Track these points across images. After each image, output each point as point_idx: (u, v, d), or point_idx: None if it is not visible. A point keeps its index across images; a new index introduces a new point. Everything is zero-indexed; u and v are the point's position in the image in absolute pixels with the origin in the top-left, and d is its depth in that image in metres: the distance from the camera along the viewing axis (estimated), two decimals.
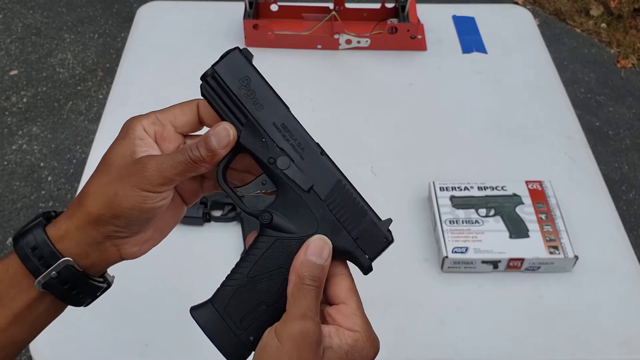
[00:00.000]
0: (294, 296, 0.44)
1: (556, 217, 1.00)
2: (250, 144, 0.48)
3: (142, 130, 0.49)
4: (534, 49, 1.44)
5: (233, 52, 0.50)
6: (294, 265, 0.45)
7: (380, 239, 0.48)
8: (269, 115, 0.49)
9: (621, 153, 2.43)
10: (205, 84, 0.50)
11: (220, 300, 0.47)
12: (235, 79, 0.49)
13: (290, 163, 0.48)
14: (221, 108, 0.49)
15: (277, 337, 0.42)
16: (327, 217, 0.48)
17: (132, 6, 2.97)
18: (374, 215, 0.49)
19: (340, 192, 0.48)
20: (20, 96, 2.56)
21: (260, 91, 0.49)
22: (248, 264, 0.48)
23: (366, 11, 1.42)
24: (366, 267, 0.48)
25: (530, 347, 0.91)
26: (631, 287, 0.98)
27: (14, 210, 2.14)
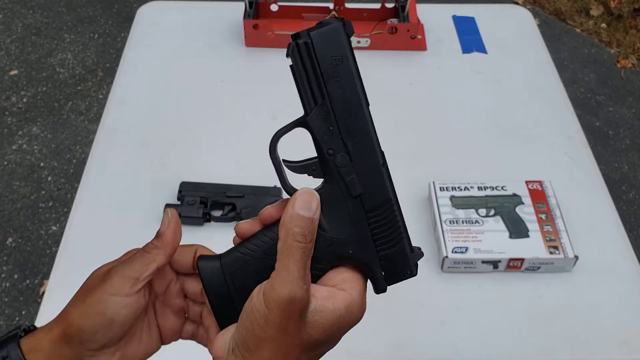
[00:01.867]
0: (283, 254, 0.42)
1: (556, 217, 1.00)
2: (317, 127, 0.45)
3: None
4: (534, 49, 1.44)
5: (336, 24, 0.44)
6: (283, 221, 0.43)
7: (404, 270, 0.47)
8: (345, 105, 0.45)
9: (621, 153, 2.43)
10: (296, 46, 0.45)
11: (230, 263, 0.46)
12: (329, 54, 0.44)
13: (348, 163, 0.45)
14: (301, 78, 0.46)
15: (265, 302, 0.41)
16: (363, 229, 0.46)
17: (132, 6, 2.97)
18: (407, 244, 0.47)
19: (385, 211, 0.46)
20: (20, 96, 2.56)
21: (347, 77, 0.45)
22: (268, 241, 0.45)
23: (366, 11, 1.42)
24: (380, 289, 0.47)
25: (530, 347, 0.91)
26: (631, 287, 0.98)
27: (14, 210, 2.14)
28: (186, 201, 1.04)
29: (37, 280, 1.96)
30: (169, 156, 1.17)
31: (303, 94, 0.46)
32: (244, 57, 1.38)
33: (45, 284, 1.93)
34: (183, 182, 1.08)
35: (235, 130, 1.22)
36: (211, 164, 1.15)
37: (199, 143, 1.19)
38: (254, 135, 1.22)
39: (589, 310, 0.95)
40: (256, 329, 0.41)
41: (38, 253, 2.02)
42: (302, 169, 0.47)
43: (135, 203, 1.08)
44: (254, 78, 1.34)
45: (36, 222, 2.11)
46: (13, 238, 2.06)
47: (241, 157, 1.16)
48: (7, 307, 1.89)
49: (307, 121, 0.46)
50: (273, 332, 0.41)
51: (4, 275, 1.97)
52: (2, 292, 1.92)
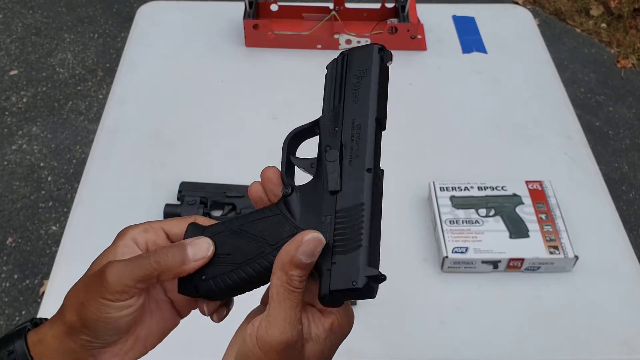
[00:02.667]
0: (279, 297, 0.42)
1: (556, 217, 1.00)
2: (325, 126, 0.49)
3: (130, 239, 0.47)
4: (534, 49, 1.44)
5: (373, 46, 0.50)
6: (282, 259, 0.42)
7: (350, 278, 0.42)
8: (355, 111, 0.48)
9: (621, 153, 2.43)
10: (340, 58, 0.51)
11: (211, 230, 0.48)
12: (356, 67, 0.49)
13: (336, 159, 0.47)
14: (329, 82, 0.51)
15: (260, 346, 0.41)
16: (328, 227, 0.45)
17: (132, 6, 2.97)
18: (366, 257, 0.43)
19: (353, 215, 0.44)
20: (20, 96, 2.56)
21: (365, 89, 0.48)
22: (246, 217, 0.48)
23: (366, 11, 1.42)
24: (321, 295, 0.43)
25: (530, 347, 0.91)
26: (631, 287, 0.98)
27: (14, 210, 2.14)
28: (186, 201, 1.04)
29: (37, 280, 1.96)
30: (169, 156, 1.17)
31: (326, 98, 0.50)
32: (244, 57, 1.38)
33: (45, 284, 1.93)
34: (183, 182, 1.08)
35: (235, 130, 1.22)
36: (211, 164, 1.15)
37: (199, 143, 1.19)
38: (254, 135, 1.22)
39: (589, 310, 0.95)
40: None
41: (38, 253, 2.02)
42: (302, 163, 0.49)
43: (135, 203, 1.08)
44: (254, 78, 1.34)
45: (36, 222, 2.11)
46: (13, 238, 2.06)
47: (241, 157, 1.16)
48: (7, 307, 1.89)
49: (319, 120, 0.50)
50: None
51: (4, 275, 1.97)
52: (2, 292, 1.92)
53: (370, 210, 0.45)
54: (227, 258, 0.46)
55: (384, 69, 0.49)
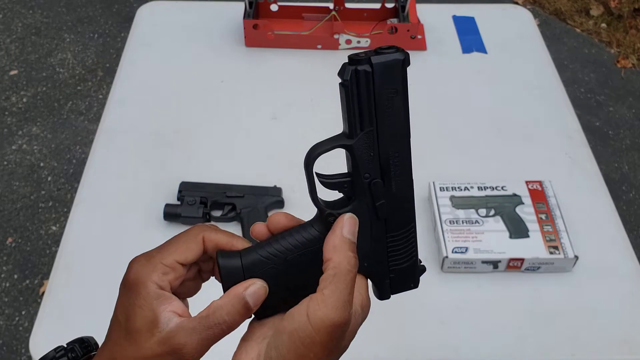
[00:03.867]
0: (335, 278, 0.43)
1: (556, 217, 1.00)
2: (359, 152, 0.46)
3: (156, 287, 0.44)
4: (534, 49, 1.44)
5: (398, 56, 0.47)
6: (334, 244, 0.44)
7: (409, 282, 0.50)
8: (391, 134, 0.47)
9: (621, 153, 2.43)
10: (355, 72, 0.44)
11: (251, 264, 0.46)
12: (385, 85, 0.45)
13: (382, 190, 0.46)
14: (353, 101, 0.45)
15: (312, 323, 0.42)
16: (380, 246, 0.48)
17: (132, 6, 2.97)
18: (416, 263, 0.50)
19: (405, 233, 0.49)
20: (20, 96, 2.56)
21: (398, 109, 0.47)
22: (293, 250, 0.46)
23: (366, 11, 1.42)
24: (384, 297, 0.50)
25: (530, 347, 0.91)
26: (631, 287, 0.98)
27: (14, 210, 2.14)
28: (186, 201, 1.04)
29: (37, 280, 1.96)
30: (169, 156, 1.17)
31: (352, 116, 0.45)
32: (244, 57, 1.38)
33: (45, 284, 1.93)
34: (183, 182, 1.08)
35: (235, 130, 1.22)
36: (211, 164, 1.15)
37: (199, 143, 1.19)
38: (254, 135, 1.22)
39: (589, 310, 0.95)
40: (300, 349, 0.42)
41: (38, 253, 2.02)
42: (334, 186, 0.47)
43: (135, 203, 1.08)
44: (254, 78, 1.34)
45: (36, 222, 2.11)
46: (13, 238, 2.06)
47: (241, 157, 1.16)
48: (7, 307, 1.89)
49: (352, 146, 0.46)
50: (319, 352, 0.42)
51: (4, 275, 1.97)
52: (2, 292, 1.92)
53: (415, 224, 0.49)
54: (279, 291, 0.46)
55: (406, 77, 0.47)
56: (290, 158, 1.20)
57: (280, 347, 0.43)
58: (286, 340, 0.43)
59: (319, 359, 0.42)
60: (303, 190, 0.47)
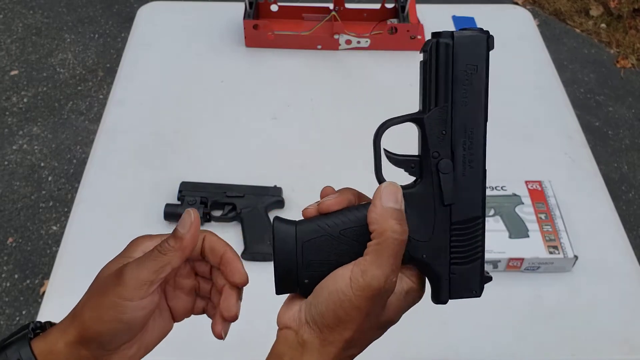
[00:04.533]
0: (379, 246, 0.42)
1: (556, 217, 1.00)
2: (431, 127, 0.45)
3: (141, 250, 0.48)
4: (534, 49, 1.44)
5: (481, 34, 0.45)
6: (373, 217, 0.43)
7: (470, 288, 0.46)
8: (466, 115, 0.44)
9: (621, 153, 2.43)
10: (436, 44, 0.44)
11: (305, 232, 0.45)
12: (465, 60, 0.44)
13: (450, 172, 0.45)
14: (431, 74, 0.45)
15: (353, 287, 0.42)
16: (443, 238, 0.45)
17: (132, 6, 2.97)
18: (481, 265, 0.46)
19: (471, 227, 0.45)
20: (20, 96, 2.56)
21: (476, 87, 0.44)
22: (347, 222, 0.45)
23: (366, 11, 1.42)
24: (441, 300, 0.47)
25: (530, 347, 0.91)
26: (631, 287, 0.99)
27: (14, 210, 2.14)
28: (186, 201, 1.04)
29: (38, 280, 1.96)
30: (169, 156, 1.17)
31: (427, 91, 0.45)
32: (244, 57, 1.38)
33: (45, 283, 1.93)
34: (183, 182, 1.08)
35: (235, 130, 1.22)
36: (211, 164, 1.15)
37: (199, 143, 1.19)
38: (254, 135, 1.22)
39: (589, 310, 0.95)
40: (339, 309, 0.42)
41: (38, 253, 2.02)
42: (401, 163, 0.47)
43: (135, 203, 1.08)
44: (254, 78, 1.34)
45: (36, 222, 2.11)
46: (13, 238, 2.06)
47: (241, 157, 1.16)
48: (8, 307, 1.89)
49: (423, 119, 0.45)
50: (356, 316, 0.42)
51: (4, 275, 1.97)
52: (2, 292, 1.93)
53: (484, 221, 0.46)
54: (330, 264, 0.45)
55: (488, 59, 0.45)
56: (290, 158, 1.20)
57: (319, 305, 0.43)
58: (326, 299, 0.43)
59: (357, 323, 0.43)
60: (303, 190, 0.47)
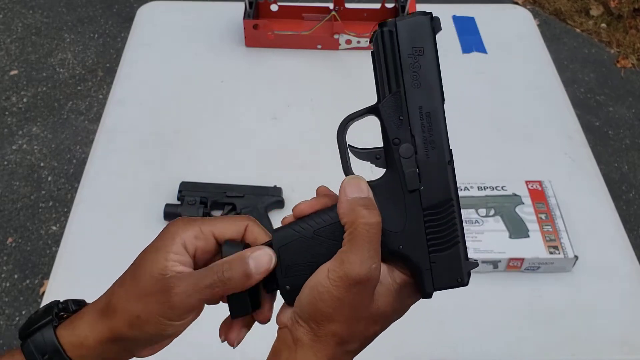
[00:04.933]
0: (351, 236, 0.42)
1: (556, 217, 1.00)
2: (387, 115, 0.45)
3: (182, 245, 0.45)
4: (534, 49, 1.44)
5: (423, 16, 0.45)
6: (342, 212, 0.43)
7: (454, 275, 0.45)
8: (420, 97, 0.44)
9: (621, 153, 2.43)
10: (380, 34, 0.45)
11: (281, 238, 0.46)
12: (410, 44, 0.45)
13: (412, 155, 0.44)
14: (380, 65, 0.45)
15: (330, 279, 0.42)
16: (417, 226, 0.44)
17: (132, 6, 2.97)
18: (463, 251, 0.45)
19: (444, 211, 0.44)
20: (20, 96, 2.56)
21: (426, 69, 0.45)
22: (320, 222, 0.45)
23: (366, 11, 1.42)
24: (426, 292, 0.45)
25: (530, 347, 0.91)
26: (631, 287, 0.99)
27: (14, 210, 2.14)
28: (186, 201, 1.04)
29: (37, 280, 1.96)
30: (169, 156, 1.17)
31: (379, 81, 0.46)
32: (244, 57, 1.38)
33: (45, 283, 1.93)
34: (183, 182, 1.08)
35: (235, 130, 1.22)
36: (211, 164, 1.15)
37: (199, 143, 1.19)
38: (254, 135, 1.22)
39: (589, 310, 0.95)
40: (319, 302, 0.42)
41: (38, 253, 2.02)
42: (366, 156, 0.47)
43: (135, 203, 1.08)
44: (254, 78, 1.34)
45: (36, 222, 2.11)
46: (13, 238, 2.06)
47: (241, 157, 1.16)
48: (8, 307, 1.89)
49: (378, 108, 0.45)
50: (339, 307, 0.42)
51: (4, 275, 1.97)
52: (2, 292, 1.93)
53: (458, 204, 0.45)
54: (311, 266, 0.45)
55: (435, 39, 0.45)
56: (290, 158, 1.20)
57: (302, 301, 0.44)
58: (307, 294, 0.43)
59: (342, 316, 0.42)
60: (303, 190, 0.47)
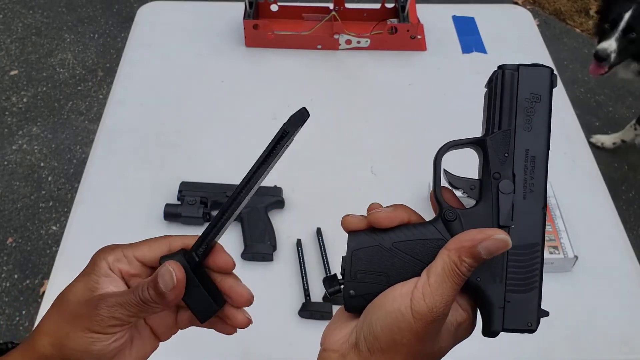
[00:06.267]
0: (443, 274, 0.42)
1: (556, 217, 1.00)
2: (493, 149, 0.47)
3: (107, 267, 0.47)
4: (534, 49, 1.44)
5: (546, 68, 0.47)
6: (462, 243, 0.42)
7: (526, 319, 0.44)
8: (528, 140, 0.45)
9: (621, 153, 2.43)
10: (501, 74, 0.47)
11: (358, 242, 0.45)
12: (529, 89, 0.46)
13: (510, 192, 0.45)
14: (495, 100, 0.47)
15: (413, 310, 0.41)
16: (499, 263, 0.44)
17: (132, 6, 2.97)
18: (538, 297, 0.44)
19: (528, 254, 0.44)
20: (20, 96, 2.56)
21: (539, 116, 0.46)
22: (401, 236, 0.45)
23: (366, 11, 1.42)
24: (491, 331, 0.45)
25: (530, 347, 0.91)
26: (631, 287, 0.98)
27: (14, 210, 2.14)
28: (186, 201, 1.04)
29: (37, 280, 1.96)
30: (169, 156, 1.17)
31: (491, 116, 0.47)
32: (244, 57, 1.38)
33: (45, 283, 1.93)
34: (183, 182, 1.08)
35: (235, 130, 1.22)
36: (211, 164, 1.15)
37: (199, 143, 1.19)
38: (254, 135, 1.22)
39: (589, 310, 0.95)
40: (396, 331, 0.41)
41: (38, 253, 2.02)
42: (462, 183, 0.48)
43: (135, 203, 1.08)
44: (254, 78, 1.34)
45: (36, 222, 2.11)
46: (13, 238, 2.06)
47: (241, 157, 1.16)
48: (7, 307, 1.89)
49: (485, 140, 0.47)
50: (412, 340, 0.41)
51: (4, 275, 1.97)
52: (2, 292, 1.93)
53: (542, 251, 0.45)
54: (379, 277, 0.44)
55: (552, 93, 0.47)
56: (291, 158, 1.20)
57: (374, 324, 0.42)
58: (382, 318, 0.42)
59: (410, 349, 0.41)
60: (303, 190, 0.47)
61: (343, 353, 0.43)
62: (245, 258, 0.99)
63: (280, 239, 1.02)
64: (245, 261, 0.99)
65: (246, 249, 0.99)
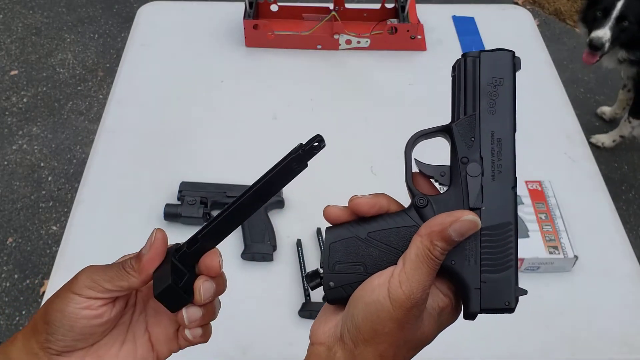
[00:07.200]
0: (417, 260, 0.42)
1: (556, 217, 1.00)
2: (459, 134, 0.47)
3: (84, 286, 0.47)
4: (534, 49, 1.44)
5: (506, 51, 0.49)
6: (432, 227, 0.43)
7: (503, 299, 0.45)
8: (493, 123, 0.46)
9: (621, 153, 2.43)
10: (463, 61, 0.48)
11: (335, 235, 0.47)
12: (491, 73, 0.47)
13: (478, 175, 0.46)
14: (459, 87, 0.48)
15: (390, 298, 0.41)
16: (473, 244, 0.45)
17: (132, 6, 2.97)
18: (514, 276, 0.45)
19: (501, 234, 0.45)
20: (20, 96, 2.56)
21: (503, 99, 0.47)
22: (375, 225, 0.46)
23: (366, 11, 1.42)
24: (470, 313, 0.45)
25: (530, 347, 0.91)
26: (631, 287, 0.99)
27: (14, 210, 2.14)
28: (186, 201, 1.04)
29: (38, 280, 1.96)
30: (169, 156, 1.17)
31: (456, 103, 0.48)
32: (244, 57, 1.38)
33: (45, 283, 1.93)
34: (183, 182, 1.08)
35: (236, 130, 1.22)
36: (211, 164, 1.15)
37: (199, 143, 1.19)
38: (254, 135, 1.22)
39: (589, 310, 0.95)
40: (376, 321, 0.42)
41: (38, 253, 2.03)
42: (432, 171, 0.48)
43: (135, 203, 1.08)
44: (254, 78, 1.34)
45: (36, 222, 2.11)
46: (13, 238, 2.06)
47: (241, 157, 1.16)
48: (8, 307, 1.89)
49: (451, 127, 0.48)
50: (393, 328, 0.42)
51: (4, 275, 1.97)
52: (2, 292, 1.93)
53: (516, 230, 0.45)
54: (356, 266, 0.45)
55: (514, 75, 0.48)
56: None
57: (356, 316, 0.43)
58: (363, 310, 0.42)
59: (392, 336, 0.42)
60: (303, 190, 0.47)
61: (329, 346, 0.43)
62: (245, 258, 0.99)
63: (280, 239, 1.02)
64: (245, 261, 0.99)
65: (246, 249, 0.99)
